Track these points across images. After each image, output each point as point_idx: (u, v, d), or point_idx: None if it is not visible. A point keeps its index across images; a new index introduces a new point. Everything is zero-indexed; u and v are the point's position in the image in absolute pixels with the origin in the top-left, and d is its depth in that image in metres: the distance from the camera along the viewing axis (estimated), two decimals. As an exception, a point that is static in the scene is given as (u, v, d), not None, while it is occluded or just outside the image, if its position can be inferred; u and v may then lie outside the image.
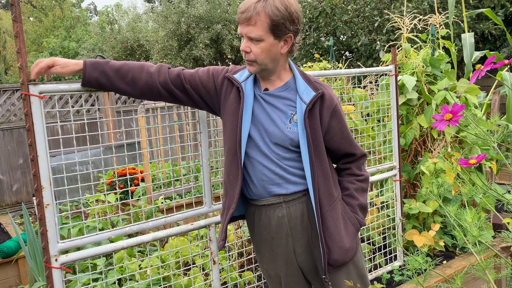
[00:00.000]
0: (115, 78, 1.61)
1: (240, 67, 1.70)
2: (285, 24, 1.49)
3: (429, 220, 3.10)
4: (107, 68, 1.60)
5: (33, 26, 18.27)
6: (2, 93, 6.14)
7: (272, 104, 1.61)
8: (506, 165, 3.54)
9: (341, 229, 1.63)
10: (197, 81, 1.66)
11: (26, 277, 3.53)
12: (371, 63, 7.17)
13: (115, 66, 1.61)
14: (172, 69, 1.68)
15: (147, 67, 1.64)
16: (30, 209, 5.75)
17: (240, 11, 1.50)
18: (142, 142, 3.69)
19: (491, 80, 6.00)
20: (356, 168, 1.72)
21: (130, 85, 1.63)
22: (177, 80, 1.65)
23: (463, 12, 4.80)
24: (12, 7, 1.60)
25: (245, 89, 1.61)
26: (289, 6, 1.49)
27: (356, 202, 1.69)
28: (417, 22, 3.49)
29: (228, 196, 1.67)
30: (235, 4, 11.34)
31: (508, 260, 1.28)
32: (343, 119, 1.66)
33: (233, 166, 1.63)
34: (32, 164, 1.65)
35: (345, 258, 1.63)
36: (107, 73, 1.60)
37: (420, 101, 3.24)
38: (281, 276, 1.72)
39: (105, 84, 1.61)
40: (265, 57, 1.53)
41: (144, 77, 1.62)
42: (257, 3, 1.47)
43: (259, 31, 1.48)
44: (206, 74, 1.68)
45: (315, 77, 1.68)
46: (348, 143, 1.68)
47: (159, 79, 1.63)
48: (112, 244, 1.88)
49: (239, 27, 1.53)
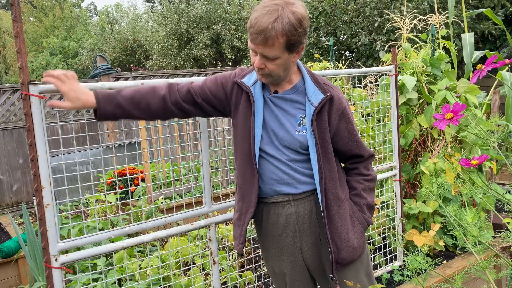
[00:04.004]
0: (129, 108, 1.61)
1: (247, 70, 1.70)
2: (300, 40, 1.48)
3: (429, 220, 3.10)
4: (121, 100, 1.59)
5: (33, 26, 18.26)
6: (2, 93, 6.14)
7: (281, 108, 1.62)
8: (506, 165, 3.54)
9: (349, 228, 1.65)
10: (207, 93, 1.66)
11: (26, 277, 3.53)
12: (371, 63, 7.17)
13: (128, 96, 1.61)
14: (181, 86, 1.68)
15: (157, 91, 1.64)
16: (30, 209, 5.74)
17: (255, 31, 1.43)
18: (142, 142, 3.69)
19: (491, 80, 6.00)
20: (363, 168, 1.74)
21: (145, 112, 1.64)
22: (188, 97, 1.66)
23: (463, 12, 4.81)
24: (12, 7, 1.60)
25: (255, 94, 1.61)
26: (302, 20, 1.45)
27: (363, 202, 1.71)
28: (417, 22, 3.49)
29: (245, 201, 1.68)
30: (235, 4, 11.33)
31: (508, 260, 1.27)
32: (351, 121, 1.66)
33: (247, 172, 1.65)
34: (32, 164, 1.65)
35: (352, 257, 1.66)
36: (121, 104, 1.59)
37: (420, 101, 3.24)
38: (286, 273, 1.73)
39: (120, 115, 1.62)
40: (280, 70, 1.53)
41: (157, 101, 1.63)
42: (274, 23, 1.41)
43: (276, 52, 1.46)
44: (215, 83, 1.68)
45: (324, 79, 1.68)
46: (356, 145, 1.69)
47: (171, 100, 1.64)
48: (112, 244, 1.88)
49: (252, 44, 1.49)
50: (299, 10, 1.45)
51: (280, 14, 1.42)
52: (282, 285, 1.77)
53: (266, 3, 1.46)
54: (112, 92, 1.60)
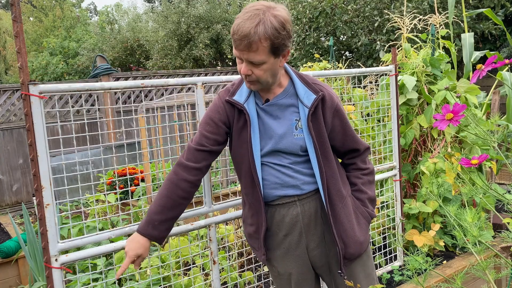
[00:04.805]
0: (169, 216, 1.62)
1: (234, 86, 1.67)
2: (285, 43, 1.48)
3: (429, 220, 3.10)
4: (156, 218, 1.60)
5: (33, 26, 18.25)
6: (2, 93, 6.14)
7: (276, 115, 1.62)
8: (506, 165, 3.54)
9: (354, 223, 1.67)
10: (211, 137, 1.64)
11: (26, 277, 3.53)
12: (371, 63, 7.17)
13: (159, 210, 1.61)
14: (187, 155, 1.64)
15: (177, 181, 1.62)
16: (30, 209, 5.74)
17: (238, 37, 1.43)
18: (142, 142, 3.69)
19: (491, 80, 6.00)
20: (361, 162, 1.75)
21: (183, 204, 1.64)
22: (201, 156, 1.63)
23: (463, 12, 4.81)
24: (12, 7, 1.60)
25: (249, 110, 1.60)
26: (285, 23, 1.45)
27: (365, 196, 1.73)
28: (417, 22, 3.49)
29: (257, 219, 1.69)
30: (235, 4, 11.33)
31: (508, 260, 1.27)
32: (344, 116, 1.68)
33: (251, 188, 1.65)
34: (32, 164, 1.65)
35: (360, 251, 1.68)
36: (161, 220, 1.60)
37: (420, 101, 3.24)
38: (292, 273, 1.72)
39: (169, 226, 1.64)
40: (267, 76, 1.53)
41: (185, 187, 1.62)
42: (256, 27, 1.41)
43: (261, 56, 1.46)
44: (211, 125, 1.65)
45: (313, 77, 1.68)
46: (351, 140, 1.70)
47: (191, 176, 1.63)
48: (112, 244, 1.88)
49: (237, 52, 1.48)
50: (281, 14, 1.45)
51: (262, 18, 1.42)
52: (286, 285, 1.77)
53: (247, 9, 1.46)
54: (148, 218, 1.61)
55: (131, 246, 1.59)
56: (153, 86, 1.99)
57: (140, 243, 1.59)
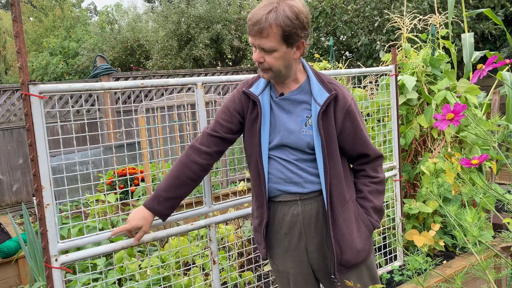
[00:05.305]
0: (177, 194, 1.68)
1: (253, 78, 1.72)
2: (297, 32, 1.51)
3: (429, 220, 3.10)
4: (162, 194, 1.67)
5: (33, 26, 18.24)
6: (2, 93, 6.14)
7: (287, 109, 1.64)
8: (506, 165, 3.54)
9: (353, 230, 1.65)
10: (225, 124, 1.70)
11: (26, 277, 3.53)
12: (371, 63, 7.17)
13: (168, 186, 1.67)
14: (202, 138, 1.71)
15: (188, 162, 1.68)
16: (30, 209, 5.74)
17: (251, 23, 1.49)
18: (142, 142, 3.68)
19: (491, 80, 6.00)
20: (371, 170, 1.72)
21: (191, 185, 1.70)
22: (213, 141, 1.69)
23: (463, 12, 4.81)
24: (12, 7, 1.60)
25: (262, 101, 1.64)
26: (299, 13, 1.49)
27: (370, 205, 1.70)
28: (417, 22, 3.49)
29: (261, 212, 1.72)
30: (235, 4, 11.32)
31: (508, 260, 1.27)
32: (357, 119, 1.66)
33: (258, 180, 1.68)
34: (32, 164, 1.65)
35: (356, 259, 1.65)
36: (168, 197, 1.67)
37: (420, 101, 3.24)
38: (290, 273, 1.73)
39: (176, 203, 1.70)
40: (280, 65, 1.55)
41: (195, 169, 1.68)
42: (268, 14, 1.46)
43: (272, 43, 1.50)
44: (226, 113, 1.71)
45: (330, 77, 1.69)
46: (361, 144, 1.68)
47: (202, 160, 1.68)
48: (112, 244, 1.88)
49: (250, 38, 1.54)
50: (296, 4, 1.50)
51: (275, 6, 1.47)
52: (285, 283, 1.77)
53: (264, 1, 1.52)
54: (155, 193, 1.67)
55: (135, 215, 1.67)
56: (153, 86, 1.99)
57: (143, 215, 1.66)
